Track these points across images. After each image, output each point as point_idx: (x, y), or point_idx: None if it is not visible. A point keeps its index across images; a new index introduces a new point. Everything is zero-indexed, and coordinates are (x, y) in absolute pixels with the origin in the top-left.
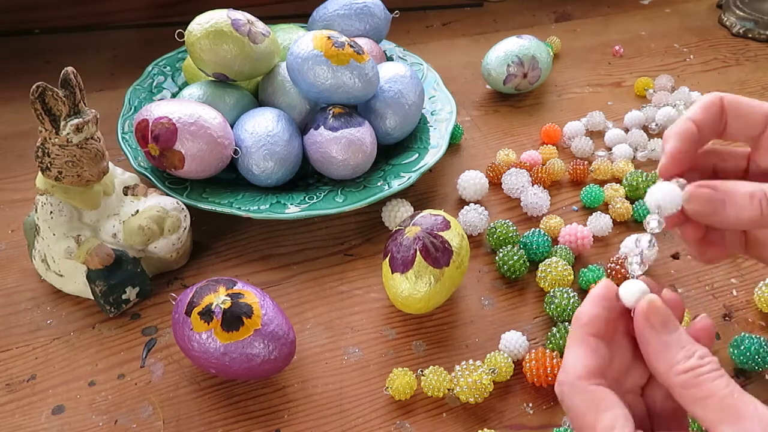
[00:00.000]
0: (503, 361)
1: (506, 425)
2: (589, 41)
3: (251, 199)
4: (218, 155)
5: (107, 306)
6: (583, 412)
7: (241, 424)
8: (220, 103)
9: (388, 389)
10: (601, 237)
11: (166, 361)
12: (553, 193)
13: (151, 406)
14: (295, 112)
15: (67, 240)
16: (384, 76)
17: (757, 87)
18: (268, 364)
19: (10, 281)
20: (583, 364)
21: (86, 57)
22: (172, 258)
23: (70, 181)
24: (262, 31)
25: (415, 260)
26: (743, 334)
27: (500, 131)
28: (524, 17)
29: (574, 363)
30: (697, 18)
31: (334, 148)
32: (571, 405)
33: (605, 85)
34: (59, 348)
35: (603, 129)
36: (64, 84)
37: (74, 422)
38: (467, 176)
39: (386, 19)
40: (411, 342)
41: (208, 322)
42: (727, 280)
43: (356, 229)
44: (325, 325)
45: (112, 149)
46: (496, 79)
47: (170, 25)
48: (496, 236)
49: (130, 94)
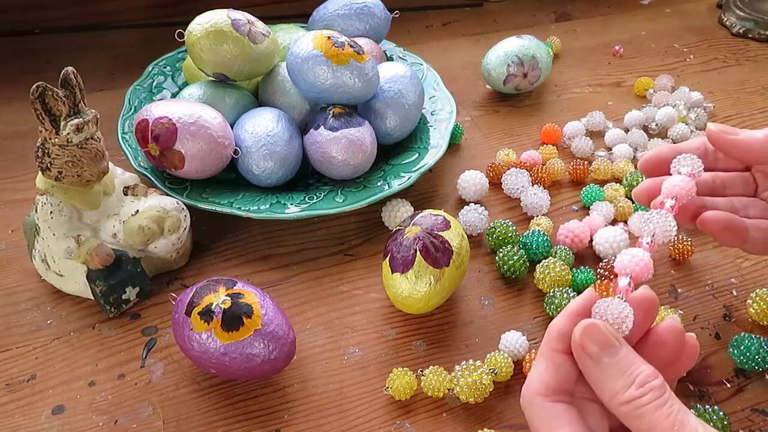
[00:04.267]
0: (503, 361)
1: (506, 425)
2: (589, 41)
3: (251, 199)
4: (218, 155)
5: (107, 306)
6: (537, 428)
7: (241, 424)
8: (220, 103)
9: (388, 389)
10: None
11: (166, 361)
12: (553, 193)
13: (151, 406)
14: (295, 112)
15: (67, 240)
16: (384, 76)
17: (757, 87)
18: (268, 364)
19: (10, 281)
20: (542, 379)
21: (86, 57)
22: (172, 258)
23: (70, 181)
24: (262, 31)
25: (415, 260)
26: (743, 334)
27: (500, 131)
28: (524, 17)
29: (536, 378)
30: (697, 18)
31: (334, 148)
32: (530, 419)
33: (605, 85)
34: (59, 348)
35: (603, 129)
36: (64, 84)
37: (74, 422)
38: (467, 176)
39: (386, 19)
40: (411, 342)
41: (208, 322)
42: (727, 280)
43: (356, 229)
44: (325, 325)
45: (112, 149)
46: (496, 79)
47: (170, 25)
48: (495, 236)
49: (130, 94)
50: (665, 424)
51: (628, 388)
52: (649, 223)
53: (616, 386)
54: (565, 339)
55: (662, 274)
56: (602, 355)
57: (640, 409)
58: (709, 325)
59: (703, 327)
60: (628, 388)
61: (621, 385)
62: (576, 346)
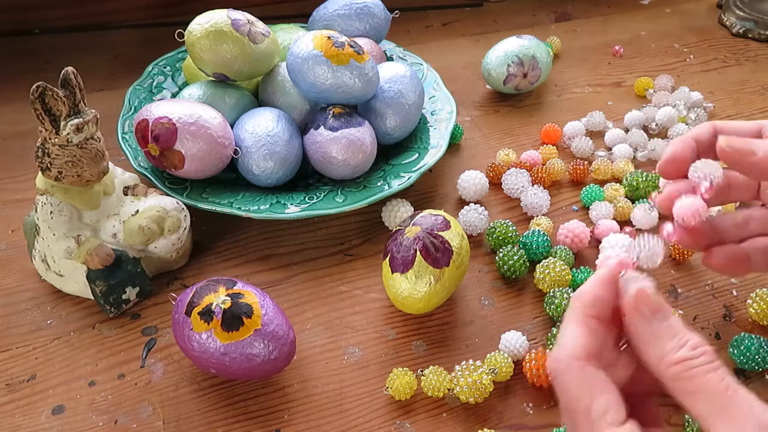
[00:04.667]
0: (503, 361)
1: (506, 425)
2: (589, 41)
3: (251, 199)
4: (218, 155)
5: (107, 306)
6: (577, 394)
7: (241, 424)
8: (220, 103)
9: (388, 389)
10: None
11: (166, 361)
12: (553, 193)
13: (151, 406)
14: (295, 112)
15: (67, 240)
16: (384, 76)
17: (757, 87)
18: (268, 364)
19: (10, 281)
20: (581, 343)
21: (86, 57)
22: (172, 258)
23: (70, 181)
24: (262, 31)
25: (415, 260)
26: (743, 334)
27: (500, 131)
28: (524, 17)
29: (573, 342)
30: (697, 18)
31: (334, 148)
32: (564, 384)
33: (605, 85)
34: (59, 348)
35: (603, 129)
36: (64, 84)
37: (74, 422)
38: (467, 176)
39: (386, 19)
40: (411, 342)
41: (208, 322)
42: (727, 280)
43: (356, 229)
44: (325, 325)
45: (112, 149)
46: (496, 79)
47: (170, 25)
48: (495, 236)
49: (130, 94)
50: (719, 386)
51: (679, 349)
52: (700, 170)
53: (665, 348)
54: (599, 305)
55: (662, 274)
56: (653, 317)
57: (692, 371)
58: (709, 325)
59: (703, 327)
60: (679, 349)
61: (671, 347)
62: (629, 307)
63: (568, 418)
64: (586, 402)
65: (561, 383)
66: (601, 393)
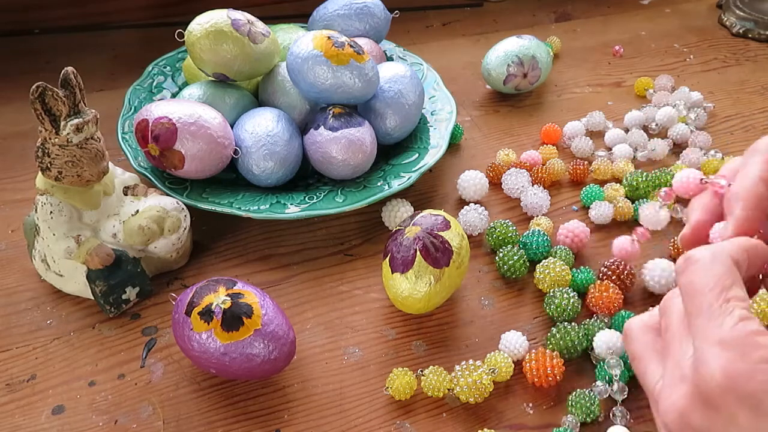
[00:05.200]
0: (503, 361)
1: (506, 425)
2: (589, 41)
3: (251, 199)
4: (218, 155)
5: (107, 306)
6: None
7: (241, 424)
8: (220, 103)
9: (388, 389)
10: (601, 235)
11: (166, 361)
12: (553, 193)
13: (151, 406)
14: (295, 112)
15: (67, 240)
16: (384, 76)
17: (757, 87)
18: (268, 364)
19: (10, 281)
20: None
21: (86, 57)
22: (172, 258)
23: (70, 181)
24: (262, 31)
25: (415, 260)
26: None
27: (500, 131)
28: (524, 17)
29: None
30: (697, 18)
31: (334, 148)
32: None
33: (605, 85)
34: (59, 348)
35: (603, 129)
36: (64, 84)
37: (74, 422)
38: (467, 176)
39: (386, 19)
40: (411, 342)
41: (208, 322)
42: None
43: (356, 229)
44: (325, 325)
45: (112, 149)
46: (496, 79)
47: (170, 25)
48: (495, 236)
49: (130, 94)
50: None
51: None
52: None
53: None
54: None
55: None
56: None
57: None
58: None
59: None
60: None
61: None
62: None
63: (689, 303)
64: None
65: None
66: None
